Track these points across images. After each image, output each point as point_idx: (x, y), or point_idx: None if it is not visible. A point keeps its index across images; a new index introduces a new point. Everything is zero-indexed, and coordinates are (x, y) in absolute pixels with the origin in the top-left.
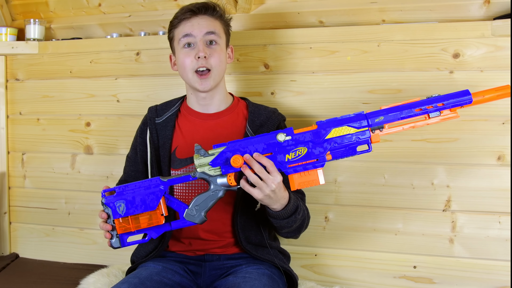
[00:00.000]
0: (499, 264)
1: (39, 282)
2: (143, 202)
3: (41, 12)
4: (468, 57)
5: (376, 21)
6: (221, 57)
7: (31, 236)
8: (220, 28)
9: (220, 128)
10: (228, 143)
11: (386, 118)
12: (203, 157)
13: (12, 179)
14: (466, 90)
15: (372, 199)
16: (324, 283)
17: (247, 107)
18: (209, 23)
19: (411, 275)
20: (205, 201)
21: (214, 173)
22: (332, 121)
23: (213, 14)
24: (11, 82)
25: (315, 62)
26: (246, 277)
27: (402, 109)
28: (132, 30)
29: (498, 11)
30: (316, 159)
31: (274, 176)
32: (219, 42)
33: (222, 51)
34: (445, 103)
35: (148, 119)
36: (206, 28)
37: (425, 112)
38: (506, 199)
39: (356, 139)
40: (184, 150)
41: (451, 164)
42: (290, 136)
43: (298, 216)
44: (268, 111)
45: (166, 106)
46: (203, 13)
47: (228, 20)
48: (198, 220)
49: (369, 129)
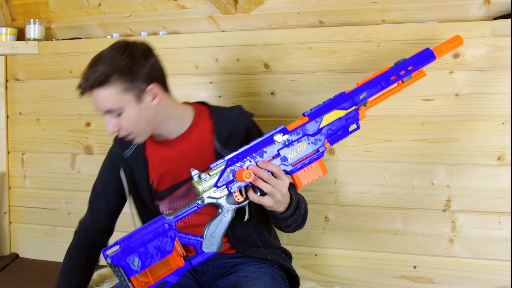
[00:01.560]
0: (499, 264)
1: (39, 282)
2: (157, 249)
3: (41, 12)
4: (468, 57)
5: (376, 21)
6: (132, 121)
7: (31, 236)
8: (117, 96)
9: (189, 150)
10: (226, 159)
11: (368, 93)
12: (206, 181)
13: (12, 179)
14: (427, 49)
15: (372, 199)
16: (324, 283)
17: (210, 116)
18: (102, 101)
19: (411, 275)
20: (220, 227)
21: (220, 194)
22: (320, 109)
23: (104, 87)
24: (11, 82)
25: (315, 62)
26: (248, 276)
27: (380, 80)
28: (132, 30)
29: (498, 11)
30: (316, 151)
31: (283, 180)
32: (123, 110)
33: (131, 115)
34: (414, 66)
35: (117, 154)
36: (103, 107)
37: (399, 78)
38: (506, 199)
39: (347, 120)
40: (161, 182)
41: (451, 164)
42: (287, 135)
43: (301, 210)
44: (232, 117)
45: None
46: (93, 89)
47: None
48: (217, 248)
49: (357, 107)
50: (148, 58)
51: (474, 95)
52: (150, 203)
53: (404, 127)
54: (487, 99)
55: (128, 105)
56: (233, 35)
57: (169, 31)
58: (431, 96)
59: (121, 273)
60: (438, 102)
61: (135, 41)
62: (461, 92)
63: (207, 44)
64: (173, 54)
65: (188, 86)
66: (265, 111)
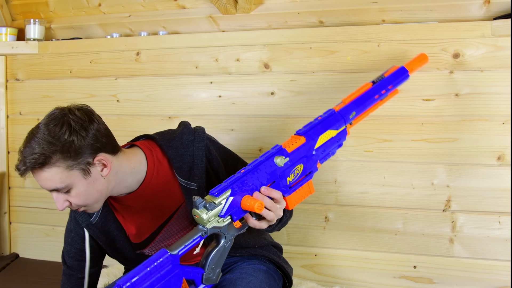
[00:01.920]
0: (499, 264)
1: (39, 282)
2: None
3: (41, 12)
4: (468, 57)
5: (376, 21)
6: (81, 197)
7: (31, 236)
8: (61, 175)
9: (154, 195)
10: (230, 185)
11: (357, 112)
12: (211, 210)
13: (12, 179)
14: (403, 67)
15: (372, 199)
16: (324, 283)
17: (163, 152)
18: (45, 181)
19: (411, 275)
20: (221, 257)
21: (224, 223)
22: (315, 129)
23: (45, 168)
24: (11, 82)
25: (315, 62)
26: (243, 274)
27: (366, 99)
28: (132, 30)
29: (498, 11)
30: (309, 172)
31: (282, 205)
32: (69, 188)
33: (80, 191)
34: (393, 84)
35: (84, 224)
36: (47, 187)
37: (381, 97)
38: (506, 199)
39: (338, 140)
40: (139, 234)
41: (451, 164)
42: (288, 158)
43: (287, 214)
44: (186, 146)
45: None
46: (32, 171)
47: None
48: (216, 278)
49: (346, 127)
50: (89, 128)
51: (474, 95)
52: (134, 255)
53: (404, 127)
54: (487, 99)
55: (75, 182)
56: (233, 35)
57: (169, 31)
58: (431, 96)
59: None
60: (438, 102)
61: (71, 109)
62: (461, 92)
63: (207, 44)
64: (173, 54)
65: (188, 86)
66: (265, 111)
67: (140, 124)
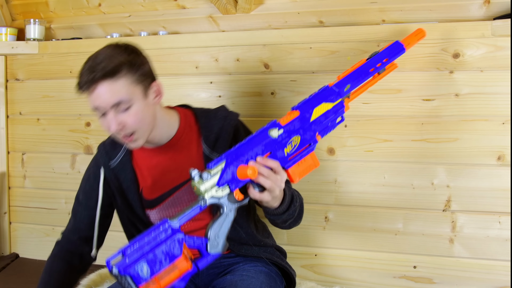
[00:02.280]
0: (499, 264)
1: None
2: (166, 254)
3: (41, 12)
4: (468, 57)
5: (376, 21)
6: (138, 117)
7: (31, 236)
8: (128, 88)
9: (177, 155)
10: (225, 156)
11: (352, 85)
12: (207, 180)
13: (12, 179)
14: (397, 42)
15: (372, 199)
16: (324, 283)
17: (196, 119)
18: (111, 93)
19: (411, 275)
20: (224, 227)
21: (222, 193)
22: (308, 102)
23: (113, 79)
24: (11, 82)
25: (315, 62)
26: (243, 275)
27: (361, 72)
28: (132, 30)
29: (498, 11)
30: (309, 144)
31: (282, 175)
32: (131, 104)
33: (139, 109)
34: (388, 58)
35: (102, 164)
36: (111, 100)
37: (376, 71)
38: (506, 199)
39: (335, 112)
40: (151, 190)
41: (451, 164)
42: (282, 130)
43: (296, 204)
44: (219, 119)
45: (114, 143)
46: (102, 80)
47: (140, 62)
48: (221, 248)
49: (342, 99)
50: (146, 57)
51: (474, 95)
52: (141, 212)
53: (404, 127)
54: (487, 99)
55: (136, 99)
56: (233, 35)
57: (169, 31)
58: (431, 96)
59: (129, 282)
60: (438, 102)
61: (128, 43)
62: (461, 92)
63: (207, 44)
64: (173, 54)
65: (188, 86)
66: (265, 111)
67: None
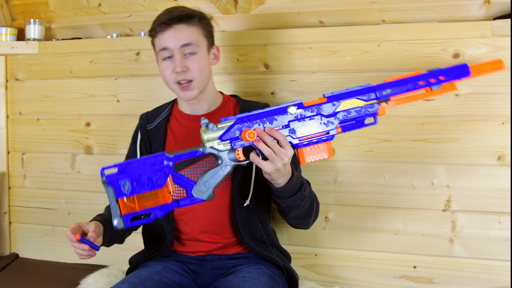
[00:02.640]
0: (499, 264)
1: (39, 282)
2: (149, 180)
3: (41, 12)
4: (468, 57)
5: (376, 21)
6: (201, 66)
7: (31, 236)
8: (198, 35)
9: None
10: (237, 117)
11: (393, 91)
12: (212, 131)
13: (12, 179)
14: (464, 64)
15: (372, 199)
16: (324, 283)
17: (237, 105)
18: (184, 34)
19: (411, 275)
20: (214, 177)
21: (223, 147)
22: (341, 94)
23: (189, 23)
24: (11, 82)
25: (315, 62)
26: (246, 277)
27: (407, 81)
28: (132, 30)
29: (498, 11)
30: (326, 132)
31: (287, 150)
32: (197, 51)
33: (202, 59)
34: (446, 77)
35: (139, 127)
36: (182, 40)
37: (428, 85)
38: (506, 199)
39: (365, 112)
40: None
41: (451, 164)
42: (301, 109)
43: (304, 193)
44: (258, 107)
45: (157, 112)
46: (177, 23)
47: (209, 21)
48: (206, 196)
49: (377, 102)
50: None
51: (474, 95)
52: None
53: (404, 127)
54: (487, 99)
55: (202, 49)
56: (233, 35)
57: None
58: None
59: (111, 193)
60: (438, 102)
61: None
62: (461, 92)
63: None
64: None
65: None
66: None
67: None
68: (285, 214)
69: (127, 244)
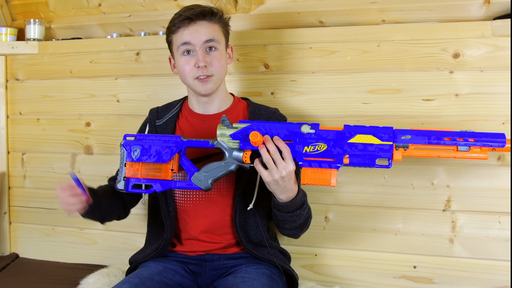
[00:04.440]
0: (499, 264)
1: (39, 282)
2: (157, 153)
3: (41, 12)
4: (468, 57)
5: (376, 21)
6: (221, 62)
7: (31, 236)
8: (219, 32)
9: None
10: (253, 122)
11: (413, 138)
12: (227, 128)
13: (12, 179)
14: (502, 134)
15: (372, 199)
16: (324, 283)
17: (247, 108)
18: (207, 30)
19: (411, 275)
20: (215, 170)
21: (232, 145)
22: (359, 128)
23: (211, 20)
24: (11, 82)
25: (315, 62)
26: (245, 277)
27: (432, 134)
28: (132, 30)
29: (498, 11)
30: (333, 159)
31: (288, 163)
32: (218, 48)
33: (222, 56)
34: (476, 140)
35: (149, 121)
36: (205, 36)
37: (454, 143)
38: (506, 199)
39: (378, 151)
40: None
41: (451, 164)
42: (314, 130)
43: (303, 212)
44: (268, 111)
45: (167, 108)
46: (201, 19)
47: (227, 20)
48: (203, 186)
49: (394, 145)
50: None
51: (474, 95)
52: None
53: (404, 127)
54: (487, 99)
55: (222, 46)
56: (233, 35)
57: None
58: (431, 96)
59: (123, 155)
60: (438, 102)
61: None
62: (461, 92)
63: None
64: None
65: None
66: None
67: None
68: (278, 225)
69: (127, 244)
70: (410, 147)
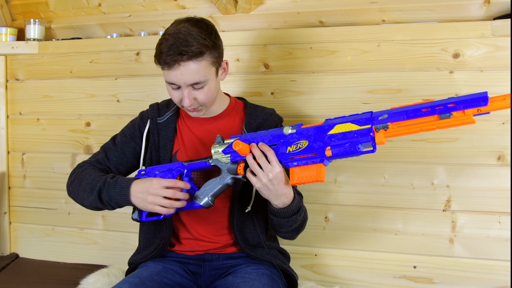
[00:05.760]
0: (499, 264)
1: (39, 282)
2: None
3: (41, 12)
4: (468, 57)
5: (376, 21)
6: (209, 93)
7: (31, 236)
8: (206, 69)
9: (217, 131)
10: (241, 135)
11: (390, 117)
12: (219, 145)
13: (12, 179)
14: (484, 92)
15: (372, 199)
16: (324, 283)
17: (244, 108)
18: (193, 72)
19: (411, 275)
20: (213, 186)
21: (225, 160)
22: (339, 118)
23: (197, 60)
24: (11, 82)
25: (315, 62)
26: (245, 277)
27: (410, 108)
28: (132, 30)
29: (498, 11)
30: (315, 153)
31: (273, 166)
32: (206, 83)
33: (211, 88)
34: (456, 104)
35: (150, 117)
36: (191, 79)
37: (434, 112)
38: (506, 199)
39: (357, 136)
40: (183, 154)
41: (451, 164)
42: (295, 130)
43: (299, 218)
44: (265, 112)
45: (167, 106)
46: (186, 61)
47: (218, 44)
48: (203, 203)
49: (373, 127)
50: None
51: None
52: None
53: None
54: None
55: (211, 79)
56: (233, 35)
57: None
58: (431, 96)
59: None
60: None
61: (203, 19)
62: (461, 92)
63: None
64: None
65: None
66: None
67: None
68: (274, 228)
69: (127, 244)
70: (391, 126)
